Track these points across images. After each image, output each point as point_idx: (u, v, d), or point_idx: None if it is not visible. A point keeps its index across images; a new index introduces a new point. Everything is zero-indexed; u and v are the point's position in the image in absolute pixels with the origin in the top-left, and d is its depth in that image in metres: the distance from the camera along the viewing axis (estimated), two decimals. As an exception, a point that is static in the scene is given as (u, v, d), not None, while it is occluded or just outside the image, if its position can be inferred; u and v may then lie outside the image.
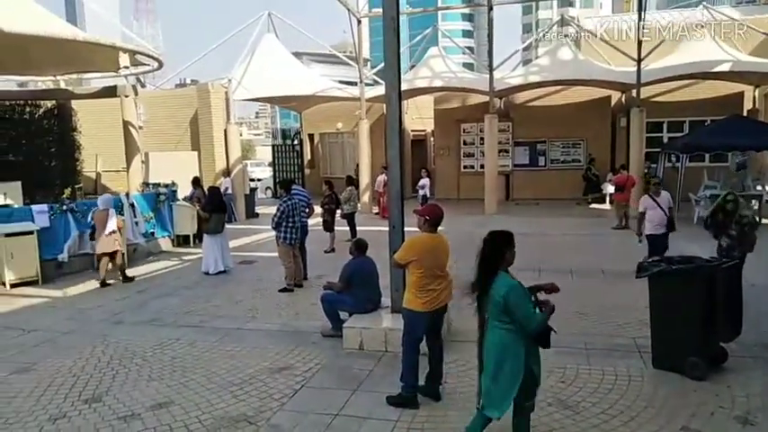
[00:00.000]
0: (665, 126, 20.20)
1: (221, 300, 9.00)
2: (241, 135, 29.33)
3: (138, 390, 5.60)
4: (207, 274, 10.59)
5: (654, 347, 5.75)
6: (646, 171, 17.63)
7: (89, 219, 10.96)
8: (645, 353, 5.96)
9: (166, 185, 14.05)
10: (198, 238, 13.15)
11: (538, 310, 3.93)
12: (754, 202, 14.96)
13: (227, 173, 18.45)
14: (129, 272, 10.74)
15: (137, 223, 12.69)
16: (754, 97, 20.21)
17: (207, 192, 11.49)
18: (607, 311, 7.67)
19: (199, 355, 6.53)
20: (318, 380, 5.76)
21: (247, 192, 19.37)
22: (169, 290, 9.74)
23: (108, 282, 10.15)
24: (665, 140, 19.40)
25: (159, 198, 13.53)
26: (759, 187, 16.62)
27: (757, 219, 7.38)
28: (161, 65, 15.47)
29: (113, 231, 10.12)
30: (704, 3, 20.30)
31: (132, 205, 12.62)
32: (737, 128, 14.56)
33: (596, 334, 6.85)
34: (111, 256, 10.15)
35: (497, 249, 4.00)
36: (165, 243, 13.48)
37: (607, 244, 12.68)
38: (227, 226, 11.39)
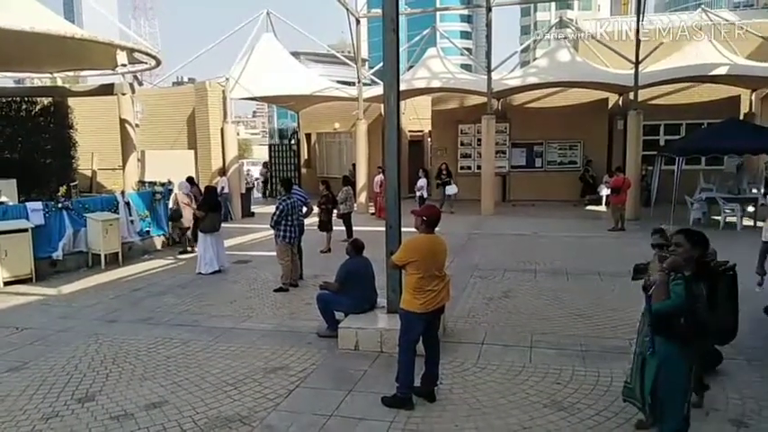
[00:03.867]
0: (661, 129, 20.26)
1: (216, 299, 8.96)
2: (238, 134, 29.20)
3: (131, 389, 5.57)
4: (200, 273, 10.54)
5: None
6: (643, 174, 17.68)
7: (170, 203, 13.13)
8: (640, 355, 5.94)
9: (162, 184, 14.00)
10: (194, 236, 13.15)
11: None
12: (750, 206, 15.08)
13: (223, 172, 18.41)
14: (124, 270, 11.03)
15: (132, 222, 12.64)
16: (751, 101, 20.30)
17: (203, 191, 11.49)
18: (603, 313, 7.68)
19: (193, 355, 6.50)
20: (313, 380, 5.74)
21: (243, 191, 19.32)
22: (164, 288, 9.70)
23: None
24: (662, 143, 19.46)
25: (155, 197, 13.49)
26: (755, 190, 16.69)
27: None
28: (159, 63, 15.43)
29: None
30: (702, 6, 20.35)
31: (128, 203, 12.56)
32: (734, 131, 14.59)
33: (592, 336, 6.85)
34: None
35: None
36: (160, 242, 13.43)
37: (603, 246, 12.67)
38: (223, 225, 11.36)
